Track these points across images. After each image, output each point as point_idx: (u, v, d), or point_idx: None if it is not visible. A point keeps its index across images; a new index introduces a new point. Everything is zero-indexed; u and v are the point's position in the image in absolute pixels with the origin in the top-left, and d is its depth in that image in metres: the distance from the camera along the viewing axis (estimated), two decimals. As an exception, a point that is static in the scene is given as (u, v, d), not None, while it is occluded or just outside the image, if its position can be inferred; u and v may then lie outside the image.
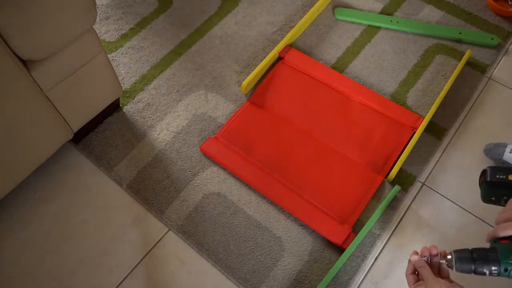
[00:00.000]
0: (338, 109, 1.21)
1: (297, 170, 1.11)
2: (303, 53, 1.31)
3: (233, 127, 1.18)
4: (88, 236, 1.05)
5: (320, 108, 1.21)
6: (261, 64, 1.26)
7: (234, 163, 1.11)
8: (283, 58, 1.29)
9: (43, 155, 1.04)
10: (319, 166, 1.12)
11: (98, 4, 1.41)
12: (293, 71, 1.27)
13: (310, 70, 1.27)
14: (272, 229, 1.05)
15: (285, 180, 1.10)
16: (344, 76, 1.26)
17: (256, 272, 1.00)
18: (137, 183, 1.11)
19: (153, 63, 1.30)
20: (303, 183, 1.09)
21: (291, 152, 1.14)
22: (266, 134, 1.17)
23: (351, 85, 1.24)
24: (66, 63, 0.93)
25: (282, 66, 1.28)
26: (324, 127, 1.18)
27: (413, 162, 1.13)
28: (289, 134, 1.17)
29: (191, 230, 1.05)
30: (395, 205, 1.08)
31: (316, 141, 1.16)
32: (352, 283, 0.98)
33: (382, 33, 1.37)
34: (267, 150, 1.14)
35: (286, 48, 1.30)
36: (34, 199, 1.10)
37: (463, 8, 1.42)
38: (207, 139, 1.15)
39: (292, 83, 1.25)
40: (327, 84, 1.24)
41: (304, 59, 1.29)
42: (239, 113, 1.20)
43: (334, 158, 1.13)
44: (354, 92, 1.22)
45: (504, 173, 0.84)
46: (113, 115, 1.21)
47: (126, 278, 1.00)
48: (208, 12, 1.42)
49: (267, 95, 1.23)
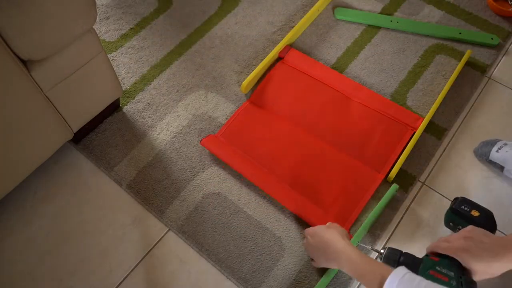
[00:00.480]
0: (338, 109, 1.21)
1: (296, 169, 1.11)
2: (303, 53, 1.31)
3: (233, 127, 1.18)
4: (88, 236, 1.05)
5: (320, 107, 1.21)
6: (261, 64, 1.26)
7: (233, 159, 1.11)
8: (283, 58, 1.29)
9: (43, 155, 1.04)
10: (319, 165, 1.12)
11: (98, 4, 1.41)
12: (293, 71, 1.27)
13: (310, 70, 1.27)
14: (272, 229, 1.05)
15: (284, 178, 1.10)
16: (344, 76, 1.26)
17: (256, 272, 1.00)
18: (137, 183, 1.11)
19: (153, 63, 1.30)
20: (302, 182, 1.09)
21: (291, 152, 1.14)
22: (266, 133, 1.17)
23: (351, 85, 1.24)
24: (66, 63, 0.93)
25: (282, 66, 1.28)
26: (324, 126, 1.18)
27: (413, 162, 1.13)
28: (289, 133, 1.17)
29: (191, 230, 1.05)
30: (395, 205, 1.08)
31: (315, 140, 1.16)
32: (352, 283, 0.98)
33: (382, 33, 1.37)
34: (267, 149, 1.14)
35: (286, 48, 1.30)
36: (34, 199, 1.10)
37: (463, 8, 1.42)
38: (208, 135, 1.16)
39: (292, 83, 1.25)
40: (327, 84, 1.24)
41: (304, 59, 1.29)
42: (238, 112, 1.20)
43: (334, 158, 1.13)
44: (354, 92, 1.22)
45: (469, 206, 0.94)
46: (113, 115, 1.21)
47: (126, 278, 1.01)
48: (208, 12, 1.42)
49: (267, 94, 1.24)
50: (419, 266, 0.85)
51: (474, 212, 0.92)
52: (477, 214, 0.91)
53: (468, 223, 0.90)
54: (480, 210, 0.93)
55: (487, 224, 0.90)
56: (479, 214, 0.92)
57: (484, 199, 1.06)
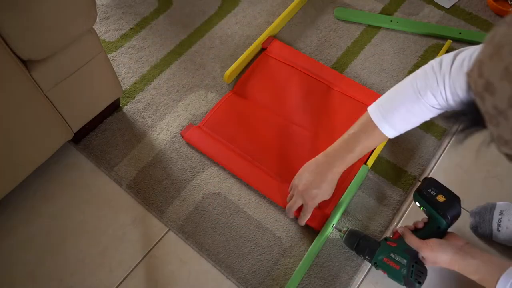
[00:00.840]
0: (320, 99, 1.23)
1: (279, 158, 1.13)
2: (304, 54, 1.31)
3: (216, 116, 1.19)
4: (88, 236, 1.05)
5: (302, 97, 1.23)
6: (244, 55, 1.28)
7: (216, 151, 1.13)
8: (266, 49, 1.30)
9: (43, 155, 1.04)
10: (301, 155, 1.12)
11: (98, 4, 1.41)
12: (276, 61, 1.29)
13: (292, 60, 1.28)
14: (272, 229, 1.05)
15: (267, 168, 1.11)
16: (326, 66, 1.28)
17: (256, 272, 1.00)
18: (137, 183, 1.11)
19: (153, 63, 1.30)
20: (285, 171, 1.10)
21: (273, 141, 1.16)
22: (249, 123, 1.19)
23: (333, 74, 1.26)
24: (66, 63, 0.93)
25: (265, 57, 1.30)
26: (305, 116, 1.20)
27: (413, 162, 1.13)
28: (271, 123, 1.19)
29: (191, 230, 1.05)
30: (395, 205, 1.08)
31: (297, 130, 1.17)
32: (352, 283, 0.98)
33: (382, 33, 1.37)
34: (250, 139, 1.16)
35: (269, 39, 1.32)
36: (34, 199, 1.10)
37: (463, 8, 1.42)
38: (192, 127, 1.17)
39: (275, 73, 1.27)
40: (309, 74, 1.26)
41: (286, 49, 1.31)
42: (222, 102, 1.22)
43: (316, 147, 1.13)
44: (336, 82, 1.24)
45: (436, 190, 0.92)
46: (113, 115, 1.21)
47: (126, 278, 1.01)
48: (208, 12, 1.42)
49: (250, 85, 1.25)
50: (374, 249, 0.92)
51: (439, 197, 0.90)
52: (442, 200, 0.89)
53: (432, 207, 0.89)
54: (447, 195, 0.90)
55: (450, 211, 0.88)
56: (444, 199, 0.89)
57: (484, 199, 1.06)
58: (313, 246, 1.00)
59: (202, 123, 1.18)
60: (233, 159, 1.12)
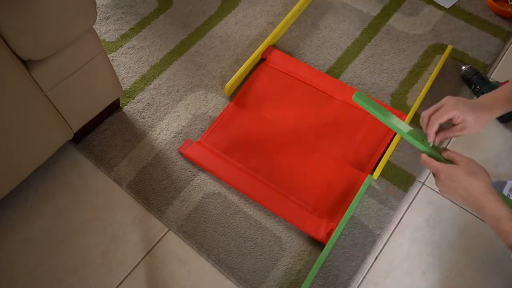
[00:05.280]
0: (321, 108, 1.21)
1: (281, 170, 1.11)
2: (303, 53, 1.31)
3: (217, 131, 1.17)
4: (88, 236, 1.05)
5: (303, 107, 1.22)
6: (243, 66, 1.26)
7: (217, 167, 1.11)
8: (266, 59, 1.29)
9: (43, 155, 1.04)
10: (303, 166, 1.12)
11: (98, 4, 1.41)
12: (276, 71, 1.28)
13: (292, 70, 1.27)
14: (272, 229, 1.05)
15: (269, 181, 1.10)
16: (326, 75, 1.27)
17: (256, 272, 1.00)
18: (137, 183, 1.11)
19: (153, 63, 1.31)
20: (287, 183, 1.09)
21: (274, 153, 1.14)
22: (250, 135, 1.17)
23: (334, 83, 1.25)
24: (66, 63, 0.93)
25: (264, 67, 1.29)
26: (307, 127, 1.19)
27: (413, 162, 1.13)
28: (272, 135, 1.17)
29: (191, 230, 1.05)
30: (395, 205, 1.08)
31: (299, 141, 1.16)
32: (352, 283, 0.99)
33: (382, 33, 1.37)
34: (251, 151, 1.14)
35: (268, 49, 1.31)
36: (34, 199, 1.10)
37: (463, 8, 1.42)
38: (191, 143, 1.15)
39: (275, 84, 1.26)
40: (309, 83, 1.25)
41: (286, 59, 1.29)
42: (222, 116, 1.20)
43: (318, 158, 1.13)
44: (337, 91, 1.23)
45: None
46: (113, 115, 1.21)
47: (126, 278, 1.01)
48: (208, 12, 1.42)
49: (250, 96, 1.24)
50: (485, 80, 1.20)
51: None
52: None
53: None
54: None
55: None
56: None
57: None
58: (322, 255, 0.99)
59: (202, 138, 1.16)
60: (236, 175, 1.10)
